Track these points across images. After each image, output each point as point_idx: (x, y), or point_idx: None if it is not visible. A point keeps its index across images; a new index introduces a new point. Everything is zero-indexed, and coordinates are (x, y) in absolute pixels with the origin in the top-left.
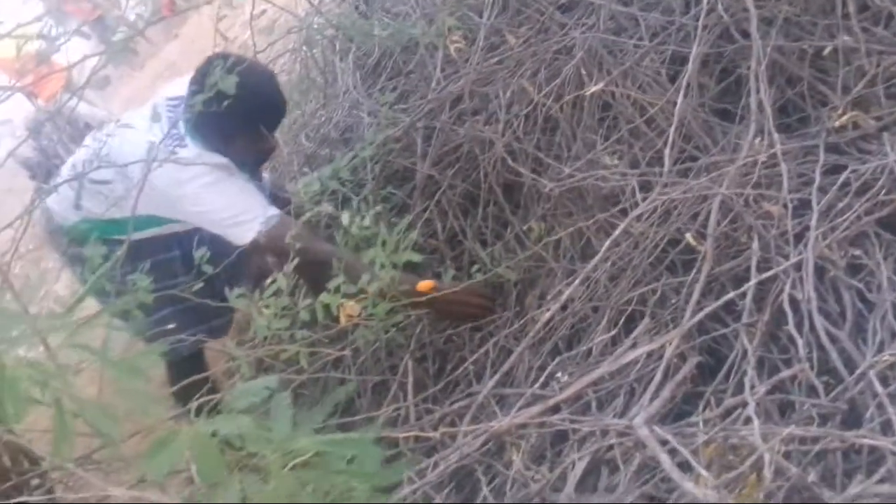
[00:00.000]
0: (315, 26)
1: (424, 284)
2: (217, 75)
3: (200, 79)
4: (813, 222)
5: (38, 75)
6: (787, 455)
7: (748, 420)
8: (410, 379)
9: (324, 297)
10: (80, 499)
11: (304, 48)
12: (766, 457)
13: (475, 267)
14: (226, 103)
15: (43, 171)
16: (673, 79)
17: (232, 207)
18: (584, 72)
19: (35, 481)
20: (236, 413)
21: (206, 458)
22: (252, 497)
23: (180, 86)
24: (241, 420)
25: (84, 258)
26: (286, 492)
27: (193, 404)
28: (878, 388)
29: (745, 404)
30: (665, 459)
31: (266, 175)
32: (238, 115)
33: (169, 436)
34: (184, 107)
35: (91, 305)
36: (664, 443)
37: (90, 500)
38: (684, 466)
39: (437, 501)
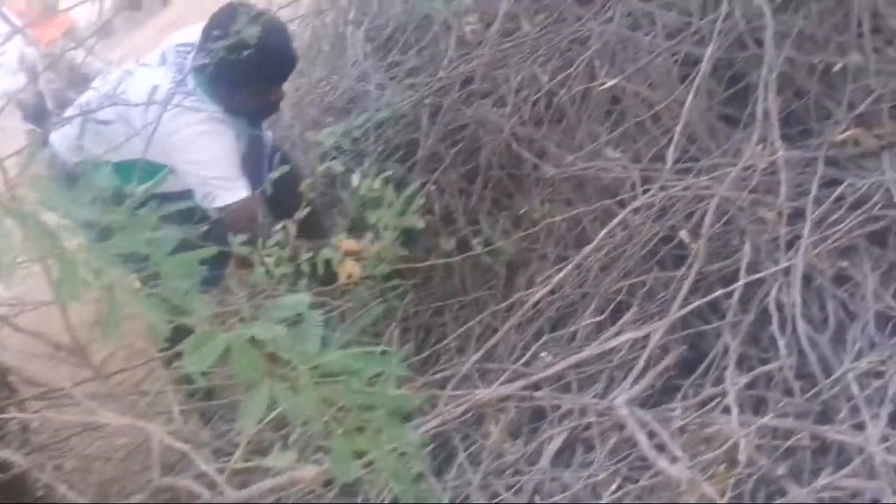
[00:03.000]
0: None
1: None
2: (240, 23)
3: (216, 26)
4: (805, 231)
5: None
6: (758, 448)
7: (725, 411)
8: (395, 346)
9: (326, 252)
10: (70, 420)
11: (317, 15)
12: (742, 443)
13: (476, 239)
14: (235, 52)
15: (37, 113)
16: (683, 79)
17: (211, 168)
18: (596, 64)
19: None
20: (273, 322)
21: (243, 357)
22: (281, 403)
23: (190, 33)
24: (277, 329)
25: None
26: (313, 403)
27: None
28: (855, 390)
29: (723, 395)
30: (643, 439)
31: (269, 133)
32: (248, 64)
33: (208, 334)
34: (194, 54)
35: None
36: (643, 424)
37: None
38: (659, 449)
39: None
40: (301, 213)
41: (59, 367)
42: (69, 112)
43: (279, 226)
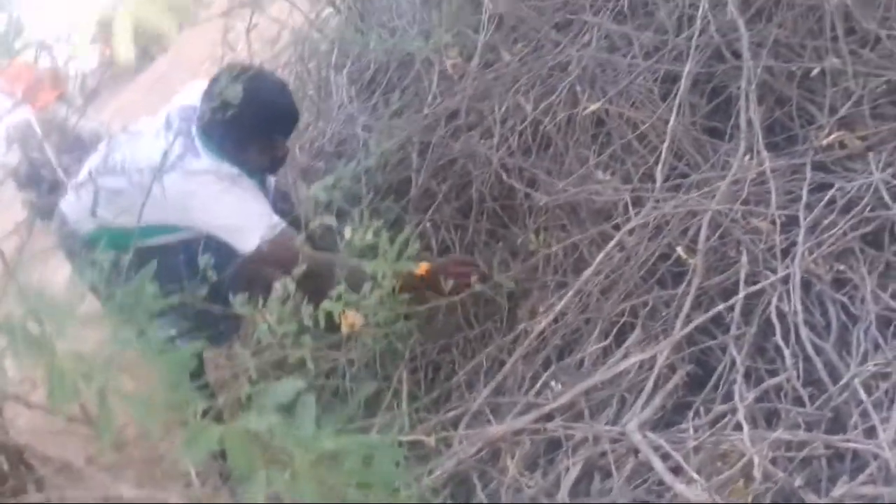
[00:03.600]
0: (311, 40)
1: (422, 267)
2: (223, 84)
3: (214, 88)
4: (800, 238)
5: (30, 83)
6: (773, 461)
7: (737, 427)
8: (405, 388)
9: (326, 305)
10: (86, 497)
11: (299, 62)
12: (756, 459)
13: (473, 277)
14: (239, 111)
15: (31, 180)
16: (665, 97)
17: (237, 215)
18: (578, 88)
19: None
20: (267, 411)
21: (239, 450)
22: (279, 492)
23: (192, 94)
24: (272, 417)
25: (96, 264)
26: (311, 488)
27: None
28: (863, 395)
29: (734, 411)
30: (658, 463)
31: (271, 179)
32: (251, 122)
33: (202, 427)
34: (197, 116)
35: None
36: (656, 448)
37: (98, 500)
38: (676, 471)
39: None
40: (299, 270)
41: (73, 440)
42: (80, 177)
43: (278, 283)
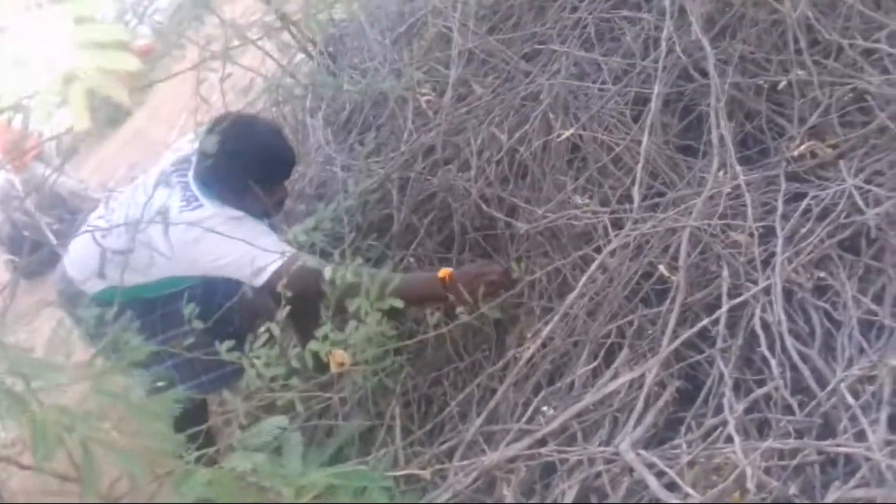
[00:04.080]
0: (284, 86)
1: (443, 272)
2: (217, 133)
3: (209, 138)
4: (778, 248)
5: (7, 144)
6: (767, 471)
7: (729, 439)
8: (398, 423)
9: (312, 345)
10: None
11: (275, 108)
12: (749, 471)
13: (459, 308)
14: (236, 158)
15: (13, 241)
16: (637, 119)
17: (249, 252)
18: (551, 116)
19: None
20: (251, 451)
21: (225, 493)
22: None
23: (181, 150)
24: (256, 457)
25: (106, 321)
26: None
27: (192, 454)
28: (850, 400)
29: (724, 424)
30: (652, 481)
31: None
32: (249, 168)
33: (188, 473)
34: (193, 167)
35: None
36: (650, 466)
37: None
38: (671, 487)
39: None
40: (281, 314)
41: (66, 498)
42: (78, 240)
43: (263, 329)
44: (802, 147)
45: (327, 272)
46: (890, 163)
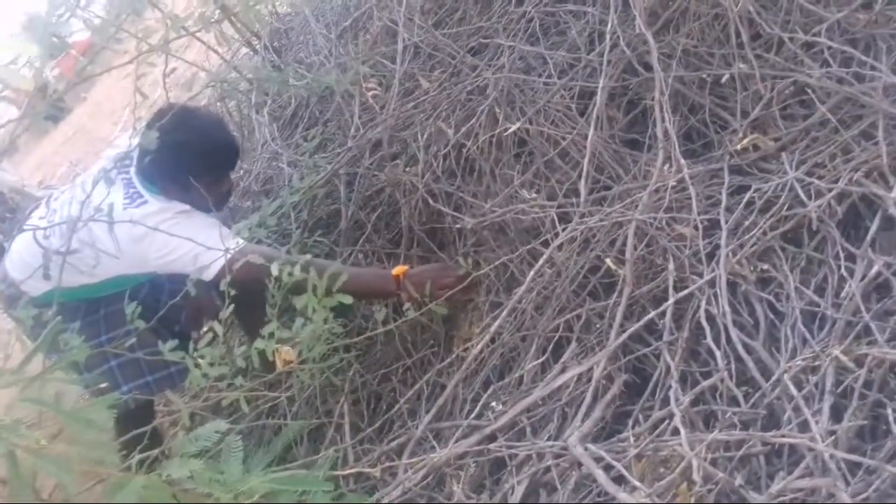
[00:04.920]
0: (229, 81)
1: (399, 269)
2: (158, 126)
3: (157, 131)
4: (723, 241)
5: None
6: (713, 462)
7: (676, 431)
8: (347, 421)
9: (258, 344)
10: None
11: (219, 103)
12: (695, 463)
13: (406, 305)
14: (179, 151)
15: None
16: (583, 112)
17: (197, 246)
18: (497, 110)
19: None
20: (188, 457)
21: (161, 500)
22: None
23: (121, 147)
24: (193, 463)
25: (46, 322)
26: None
27: (136, 455)
28: (794, 391)
29: (671, 416)
30: (600, 475)
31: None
32: (193, 160)
33: (123, 480)
34: (135, 162)
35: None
36: (599, 459)
37: None
38: (619, 480)
39: None
40: (225, 313)
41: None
42: (21, 237)
43: (206, 328)
44: (745, 140)
45: (274, 268)
46: (831, 155)
